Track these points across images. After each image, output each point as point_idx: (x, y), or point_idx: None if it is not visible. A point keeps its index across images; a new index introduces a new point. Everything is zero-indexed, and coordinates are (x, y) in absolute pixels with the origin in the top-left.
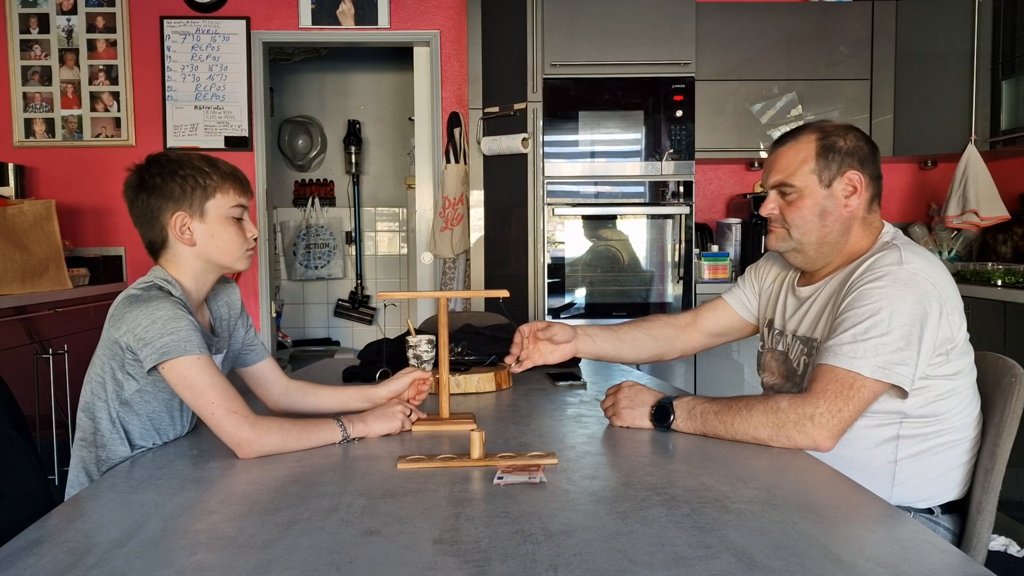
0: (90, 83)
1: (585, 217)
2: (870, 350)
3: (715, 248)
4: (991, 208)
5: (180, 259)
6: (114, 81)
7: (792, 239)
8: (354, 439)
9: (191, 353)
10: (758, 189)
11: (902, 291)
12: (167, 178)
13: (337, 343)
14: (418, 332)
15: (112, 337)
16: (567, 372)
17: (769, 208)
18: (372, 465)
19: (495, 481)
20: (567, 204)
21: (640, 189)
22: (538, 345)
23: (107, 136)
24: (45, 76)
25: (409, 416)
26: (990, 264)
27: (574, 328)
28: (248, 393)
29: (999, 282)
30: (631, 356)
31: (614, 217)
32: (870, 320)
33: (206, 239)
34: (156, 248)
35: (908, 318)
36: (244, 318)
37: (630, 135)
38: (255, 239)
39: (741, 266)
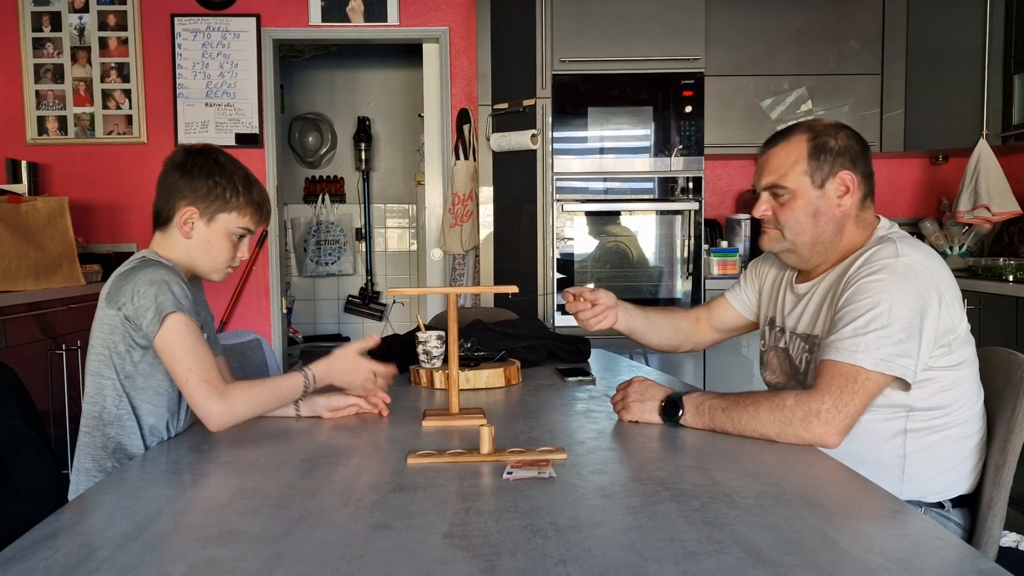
0: (102, 81)
1: (594, 213)
2: (871, 343)
3: (724, 244)
4: (1002, 203)
5: (173, 242)
6: (126, 79)
7: (786, 240)
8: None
9: (182, 311)
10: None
11: (901, 283)
12: (203, 174)
13: (347, 339)
14: (428, 328)
15: (109, 313)
16: (576, 368)
17: (762, 210)
18: (382, 460)
19: (504, 476)
20: (576, 200)
21: (649, 185)
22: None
23: (119, 133)
24: (57, 74)
25: (374, 386)
26: (1002, 260)
27: (615, 298)
28: None
29: (1011, 277)
30: (655, 339)
31: (623, 213)
32: (870, 313)
33: (201, 241)
34: (159, 220)
35: (908, 310)
36: (210, 312)
37: (639, 131)
38: (241, 260)
39: (750, 261)
